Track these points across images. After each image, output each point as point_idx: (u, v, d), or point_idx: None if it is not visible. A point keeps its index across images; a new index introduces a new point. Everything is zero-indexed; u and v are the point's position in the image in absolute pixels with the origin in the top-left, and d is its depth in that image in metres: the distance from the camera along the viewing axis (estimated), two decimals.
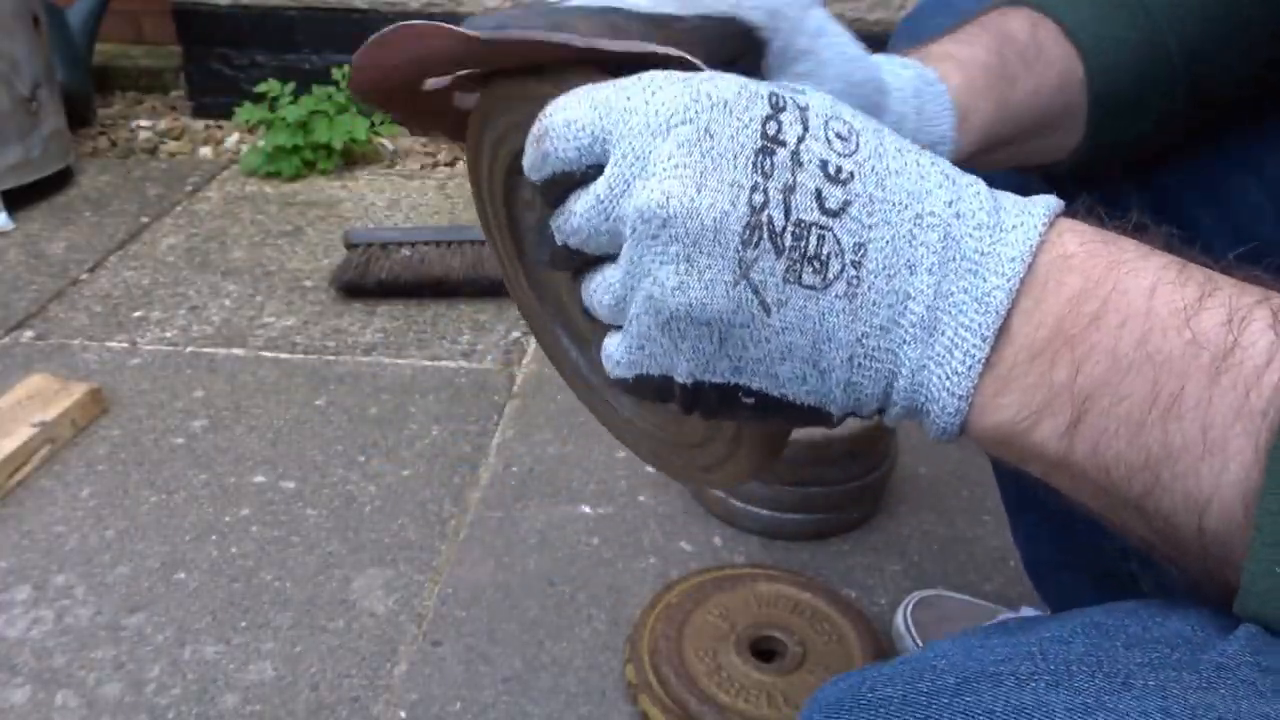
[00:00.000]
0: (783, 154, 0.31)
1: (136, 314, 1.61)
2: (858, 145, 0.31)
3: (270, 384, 1.44)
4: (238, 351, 1.51)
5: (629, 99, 0.32)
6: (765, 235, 0.31)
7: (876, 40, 0.45)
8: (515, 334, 1.58)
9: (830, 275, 0.31)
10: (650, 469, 1.27)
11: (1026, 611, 0.97)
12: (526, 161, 0.35)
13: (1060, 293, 0.30)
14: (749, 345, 0.32)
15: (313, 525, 1.17)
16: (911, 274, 0.31)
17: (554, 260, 0.36)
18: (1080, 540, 0.76)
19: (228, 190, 2.09)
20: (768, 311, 0.31)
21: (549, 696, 0.96)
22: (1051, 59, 0.50)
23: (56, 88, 2.04)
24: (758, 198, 0.31)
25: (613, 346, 0.35)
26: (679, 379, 0.34)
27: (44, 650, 1.00)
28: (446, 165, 2.25)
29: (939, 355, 0.31)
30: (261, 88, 2.16)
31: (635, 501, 1.22)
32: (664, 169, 0.31)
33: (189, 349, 1.51)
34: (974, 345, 0.31)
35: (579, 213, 0.34)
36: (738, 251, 0.31)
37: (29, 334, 1.54)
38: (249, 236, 1.89)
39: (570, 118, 0.33)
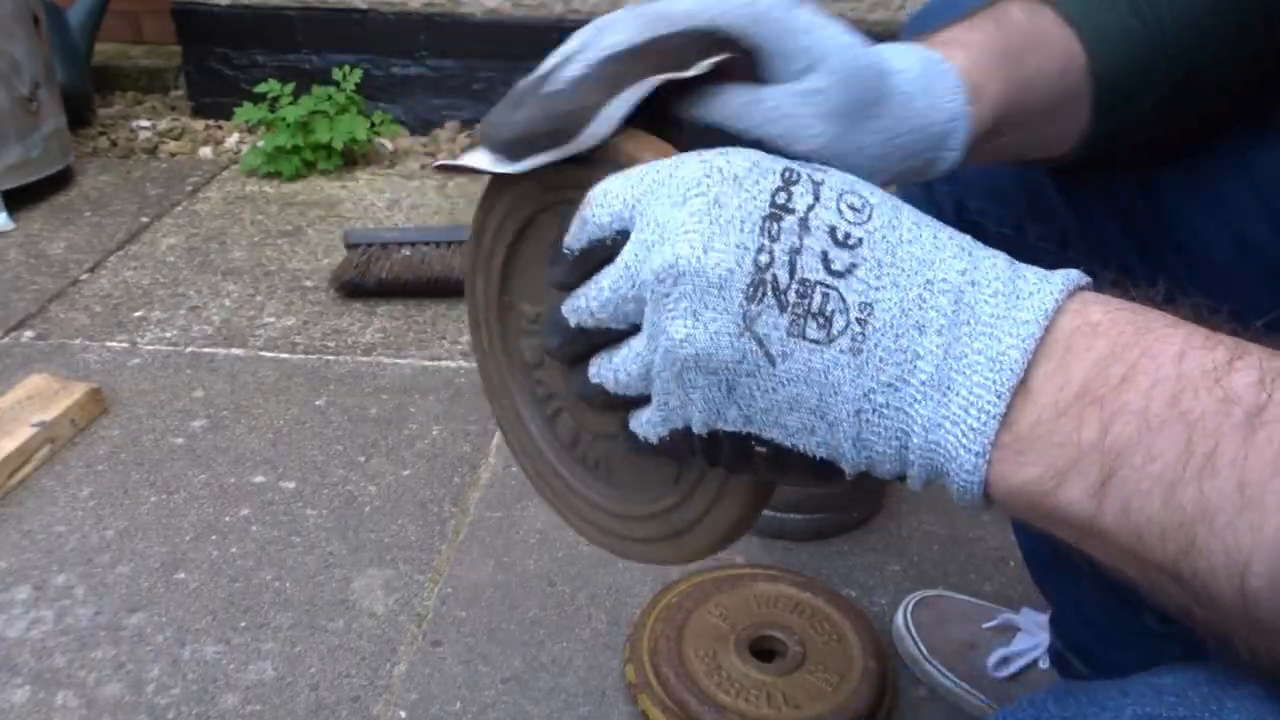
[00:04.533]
0: (790, 220, 0.33)
1: (136, 314, 1.61)
2: (870, 215, 0.33)
3: (270, 384, 1.44)
4: (238, 351, 1.51)
5: (656, 173, 0.35)
6: (769, 291, 0.33)
7: (877, 40, 0.45)
8: None
9: (834, 331, 0.32)
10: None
11: (1027, 612, 0.97)
12: (568, 235, 0.38)
13: (1086, 356, 0.30)
14: (756, 395, 0.34)
15: (313, 525, 1.17)
16: (920, 334, 0.32)
17: (564, 345, 0.39)
18: None
19: (228, 190, 2.09)
20: (773, 362, 0.33)
21: (549, 696, 0.96)
22: (1052, 42, 0.50)
23: (56, 88, 2.04)
24: (763, 258, 0.33)
25: (644, 414, 0.38)
26: (695, 430, 0.36)
27: (44, 650, 1.00)
28: None
29: (954, 414, 0.31)
30: (261, 88, 2.16)
31: None
32: (677, 234, 0.34)
33: (189, 349, 1.51)
34: (989, 402, 0.31)
35: (607, 286, 0.36)
36: (742, 306, 0.33)
37: (29, 334, 1.54)
38: (249, 236, 1.89)
39: (608, 188, 0.36)
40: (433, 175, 2.20)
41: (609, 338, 0.38)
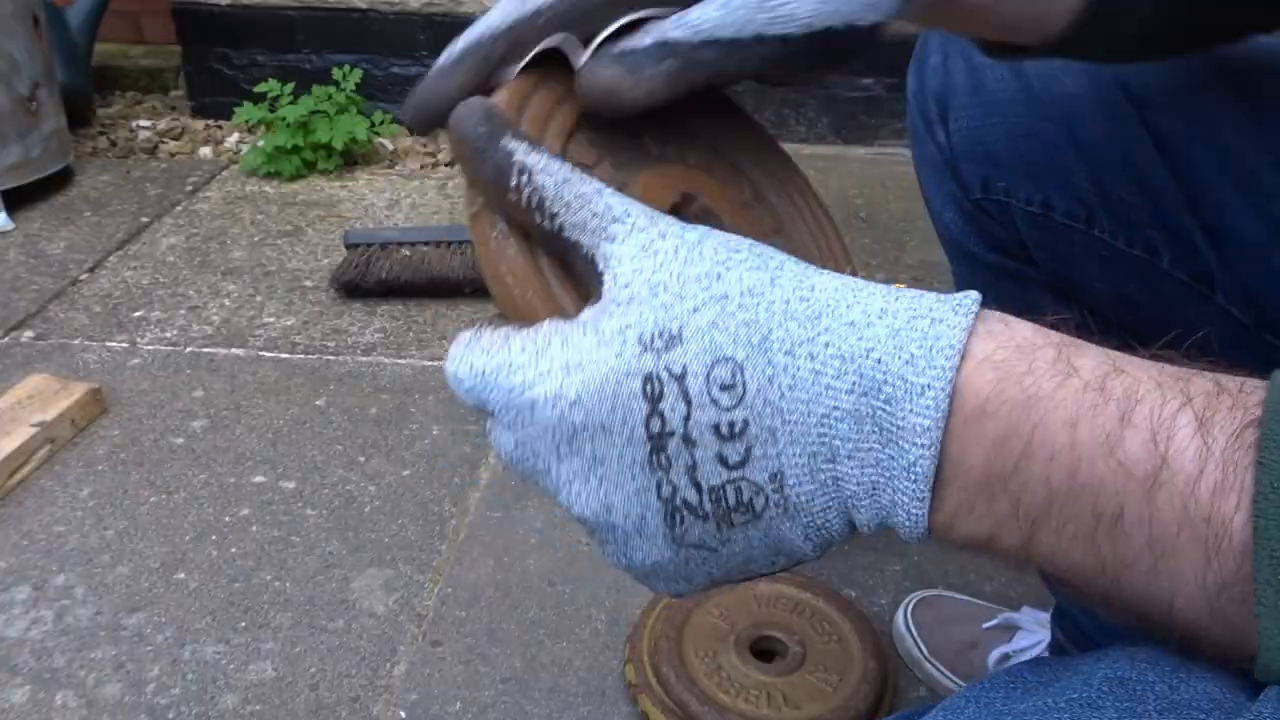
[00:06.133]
0: (674, 443, 0.32)
1: (136, 314, 1.61)
2: (744, 386, 0.32)
3: (270, 384, 1.44)
4: (238, 351, 1.51)
5: (508, 394, 0.34)
6: (685, 513, 0.33)
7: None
8: None
9: (759, 508, 0.33)
10: None
11: (1027, 610, 0.97)
12: None
13: (983, 440, 0.31)
14: (713, 570, 0.36)
15: (313, 525, 1.17)
16: (834, 463, 0.32)
17: None
18: None
19: (228, 190, 2.09)
20: (716, 552, 0.35)
21: (549, 696, 0.96)
22: None
23: (56, 88, 2.04)
24: (665, 490, 0.33)
25: None
26: (666, 594, 0.38)
27: (44, 650, 1.00)
28: (446, 165, 2.25)
29: (886, 508, 0.32)
30: (261, 88, 2.16)
31: None
32: (571, 495, 0.35)
33: (189, 349, 1.51)
34: (914, 506, 0.32)
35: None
36: (666, 536, 0.34)
37: (29, 334, 1.54)
38: (249, 236, 1.89)
39: (457, 374, 0.35)
40: (432, 175, 2.20)
41: None
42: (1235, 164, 0.59)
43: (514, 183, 0.34)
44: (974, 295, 0.32)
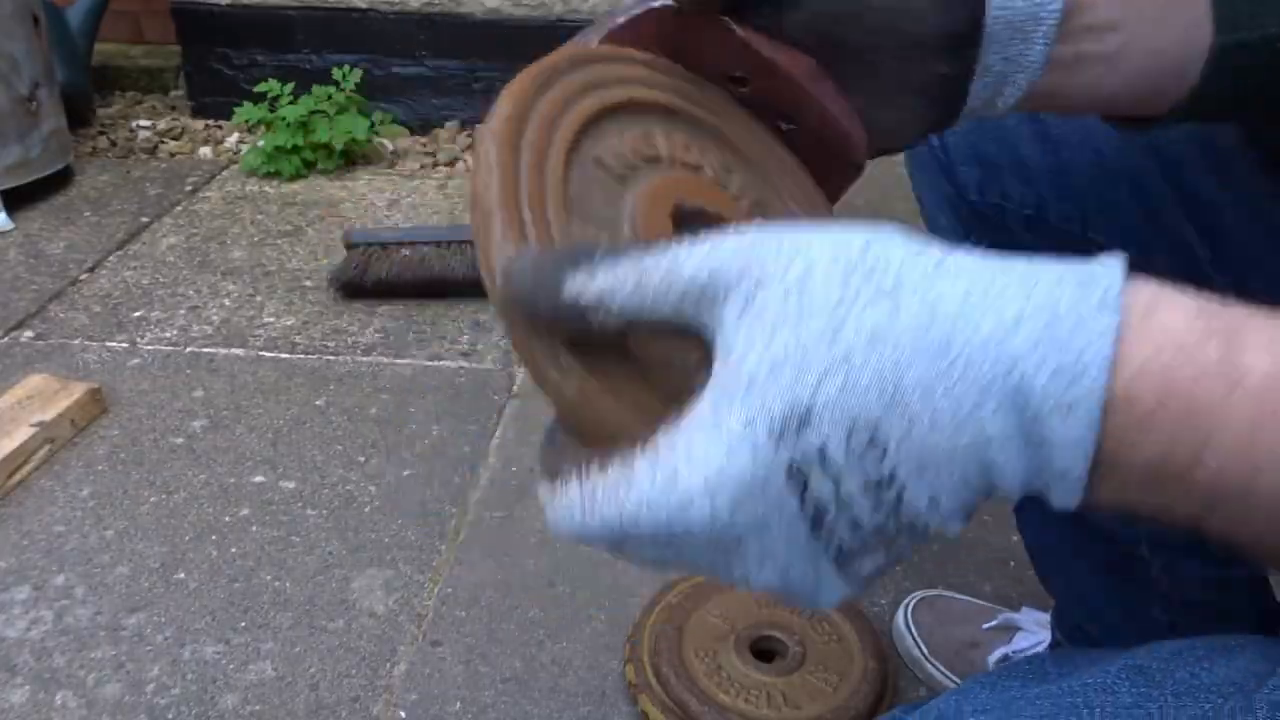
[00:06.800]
0: (830, 513, 0.32)
1: (136, 314, 1.61)
2: (886, 440, 0.31)
3: (270, 384, 1.44)
4: (238, 351, 1.51)
5: (643, 523, 0.33)
6: (858, 556, 0.33)
7: None
8: None
9: (920, 527, 0.32)
10: None
11: (1027, 610, 0.97)
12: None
13: (1143, 449, 0.30)
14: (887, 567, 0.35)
15: (313, 525, 1.17)
16: (988, 473, 0.31)
17: None
18: (1090, 525, 0.76)
19: (228, 190, 2.09)
20: (888, 560, 0.34)
21: (549, 696, 0.96)
22: None
23: (56, 88, 2.04)
24: (832, 550, 0.32)
25: None
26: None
27: (44, 650, 1.00)
28: (446, 165, 2.25)
29: (1039, 490, 0.32)
30: (261, 87, 2.16)
31: None
32: (743, 581, 0.34)
33: (189, 349, 1.51)
34: (1068, 499, 0.31)
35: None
36: (845, 577, 0.34)
37: (29, 334, 1.54)
38: (249, 236, 1.89)
39: (586, 529, 0.34)
40: (432, 175, 2.20)
41: None
42: (1231, 166, 0.59)
43: (596, 323, 0.32)
44: (1116, 275, 0.31)
